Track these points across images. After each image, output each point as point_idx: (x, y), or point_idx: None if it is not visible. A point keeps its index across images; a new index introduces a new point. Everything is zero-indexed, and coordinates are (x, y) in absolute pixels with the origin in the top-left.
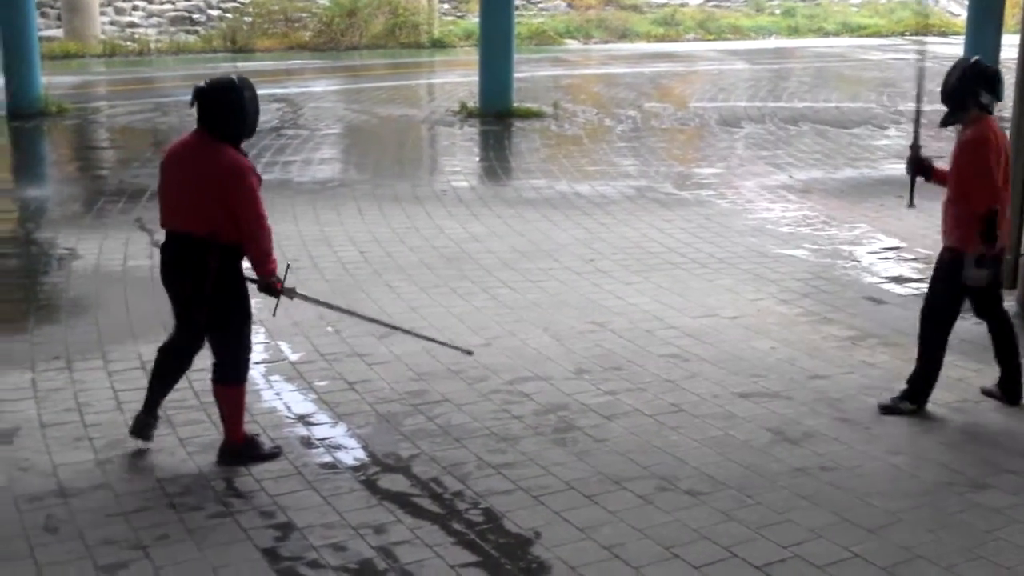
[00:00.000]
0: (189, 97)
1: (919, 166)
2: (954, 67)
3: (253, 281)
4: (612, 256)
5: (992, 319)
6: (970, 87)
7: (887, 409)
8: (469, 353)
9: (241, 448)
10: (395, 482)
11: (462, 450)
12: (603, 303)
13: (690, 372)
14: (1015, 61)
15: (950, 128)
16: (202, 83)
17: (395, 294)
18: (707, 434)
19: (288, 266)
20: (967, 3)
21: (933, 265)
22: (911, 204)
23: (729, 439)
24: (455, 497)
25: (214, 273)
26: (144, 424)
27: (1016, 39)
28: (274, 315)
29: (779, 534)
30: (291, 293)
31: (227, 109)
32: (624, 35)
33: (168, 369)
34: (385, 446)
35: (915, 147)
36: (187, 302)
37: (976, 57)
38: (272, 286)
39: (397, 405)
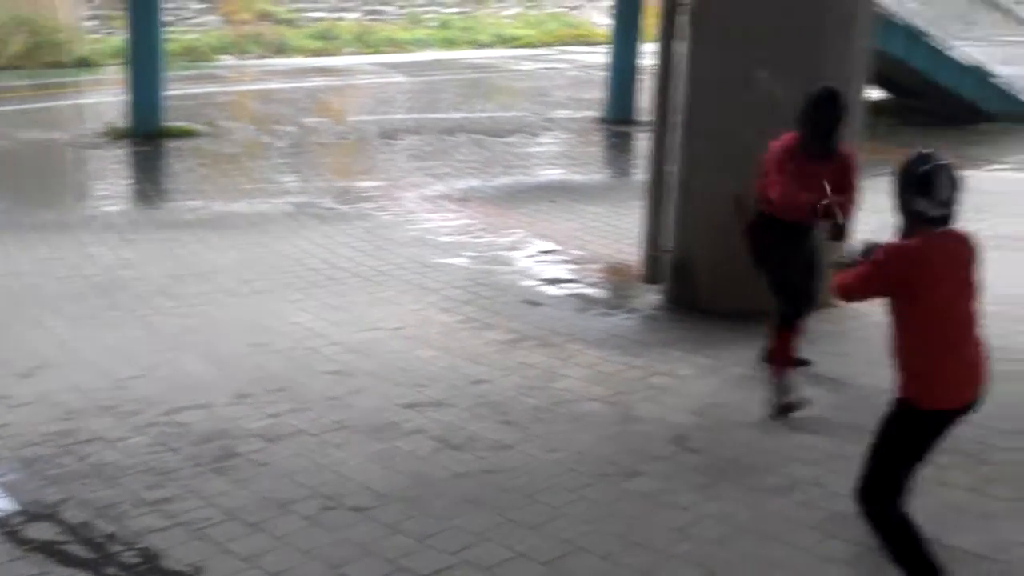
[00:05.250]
0: None
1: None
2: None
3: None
4: (271, 275)
5: None
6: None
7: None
8: None
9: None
10: (42, 530)
11: (115, 489)
12: (264, 323)
13: (354, 387)
14: (654, 68)
15: None
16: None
17: (42, 329)
18: (372, 448)
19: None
20: (611, 14)
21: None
22: None
23: (394, 451)
24: (108, 540)
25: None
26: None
27: (654, 47)
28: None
29: (445, 541)
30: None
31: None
32: (280, 50)
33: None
34: (30, 493)
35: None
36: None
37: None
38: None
39: (43, 448)
